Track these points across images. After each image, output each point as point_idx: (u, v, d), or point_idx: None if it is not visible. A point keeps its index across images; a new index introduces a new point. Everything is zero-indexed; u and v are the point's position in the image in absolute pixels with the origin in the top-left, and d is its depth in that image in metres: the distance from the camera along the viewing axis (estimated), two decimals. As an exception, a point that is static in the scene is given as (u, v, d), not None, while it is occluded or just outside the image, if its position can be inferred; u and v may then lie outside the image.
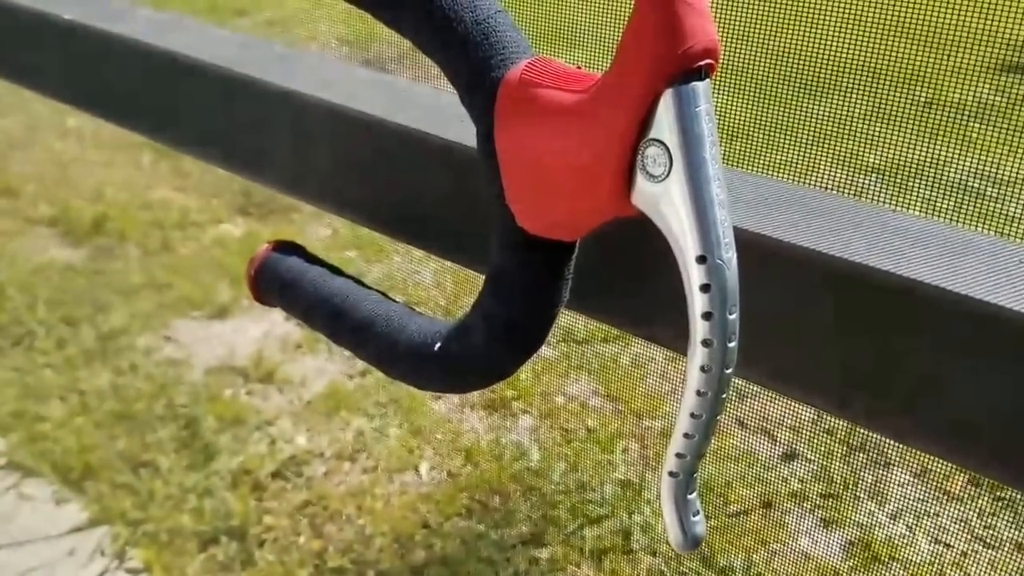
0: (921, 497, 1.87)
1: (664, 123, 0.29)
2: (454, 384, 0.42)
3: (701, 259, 0.29)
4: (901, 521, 1.83)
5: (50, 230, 2.73)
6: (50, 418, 1.99)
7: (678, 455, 0.31)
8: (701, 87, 0.29)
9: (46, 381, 2.11)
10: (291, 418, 2.06)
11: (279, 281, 0.46)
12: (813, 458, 1.99)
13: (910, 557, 1.76)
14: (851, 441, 2.03)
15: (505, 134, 0.35)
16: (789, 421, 2.10)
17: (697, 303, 0.29)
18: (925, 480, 1.88)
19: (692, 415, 0.30)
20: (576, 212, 0.34)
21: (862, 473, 1.95)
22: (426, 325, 0.41)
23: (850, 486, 1.95)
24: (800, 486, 1.94)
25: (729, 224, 0.29)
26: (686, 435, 0.31)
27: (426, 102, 0.48)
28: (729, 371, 0.30)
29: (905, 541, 1.80)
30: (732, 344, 0.29)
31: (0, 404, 2.03)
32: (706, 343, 0.29)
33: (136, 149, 3.21)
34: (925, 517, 1.84)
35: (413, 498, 1.86)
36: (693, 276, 0.29)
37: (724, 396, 0.30)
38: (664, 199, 0.30)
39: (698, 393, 0.30)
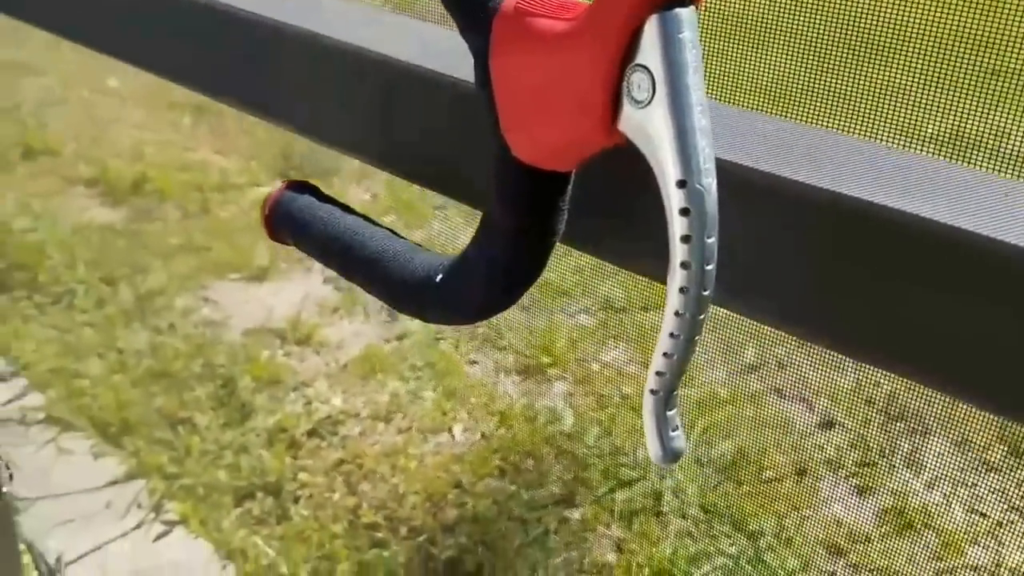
0: (959, 466, 1.86)
1: (648, 49, 0.30)
2: (454, 315, 0.43)
3: (681, 183, 0.30)
4: (937, 490, 1.82)
5: (90, 190, 2.77)
6: (88, 375, 2.02)
7: (658, 373, 0.32)
8: (685, 14, 0.30)
9: (85, 339, 2.15)
10: (327, 379, 2.09)
11: (292, 220, 0.48)
12: (851, 426, 1.97)
13: (944, 525, 1.75)
14: (890, 410, 2.01)
15: (500, 63, 0.36)
16: (827, 389, 2.08)
17: (676, 227, 0.30)
18: (964, 450, 1.86)
19: (671, 335, 0.31)
20: (568, 140, 0.35)
21: (900, 442, 1.94)
22: (430, 259, 0.43)
23: (887, 454, 1.94)
24: (836, 454, 1.93)
25: (711, 151, 0.30)
26: (665, 354, 0.32)
27: (447, 45, 0.48)
28: (707, 293, 0.30)
29: (940, 510, 1.79)
30: (710, 267, 0.30)
31: (39, 361, 2.07)
32: (684, 265, 0.30)
33: (176, 110, 3.24)
34: (962, 486, 1.83)
35: (446, 458, 1.87)
36: (673, 200, 0.30)
37: (702, 317, 0.31)
38: (648, 125, 0.30)
39: (676, 314, 0.31)
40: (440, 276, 0.41)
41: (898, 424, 1.98)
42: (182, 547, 1.64)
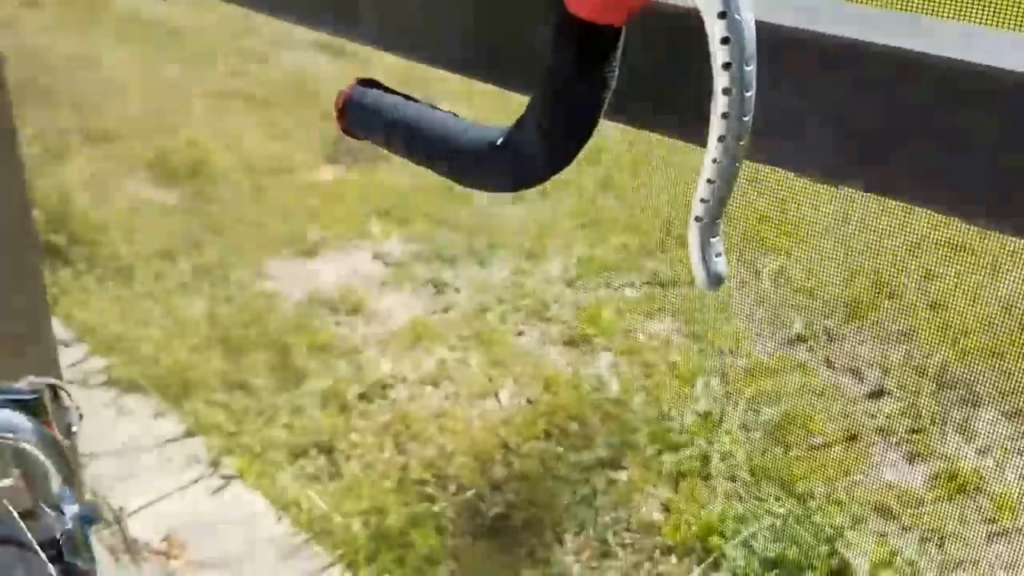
0: (1011, 435, 1.84)
1: None
2: (518, 175, 0.45)
3: (722, 15, 0.32)
4: (989, 456, 1.80)
5: (148, 173, 2.85)
6: (149, 341, 2.09)
7: (702, 200, 0.35)
8: None
9: (145, 309, 2.22)
10: (376, 347, 2.13)
11: (364, 111, 0.51)
12: (901, 395, 1.96)
13: (996, 489, 1.74)
14: (941, 380, 1.99)
15: None
16: (878, 360, 2.07)
17: (718, 55, 0.33)
18: (1016, 420, 1.84)
19: (714, 161, 0.34)
20: None
21: (951, 411, 1.92)
22: (489, 130, 0.45)
23: (938, 422, 1.92)
24: (887, 422, 1.92)
25: None
26: (709, 180, 0.34)
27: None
28: (747, 119, 0.33)
29: (992, 475, 1.77)
30: (749, 93, 0.33)
31: (101, 327, 2.14)
32: (726, 92, 0.33)
33: (230, 100, 3.32)
34: (1014, 454, 1.80)
35: (493, 422, 1.90)
36: (715, 31, 0.32)
37: (743, 143, 0.33)
38: None
39: (719, 139, 0.33)
40: (501, 139, 0.43)
41: (949, 394, 1.96)
42: (239, 500, 1.69)
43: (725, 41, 0.32)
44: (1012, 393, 1.83)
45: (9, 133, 1.30)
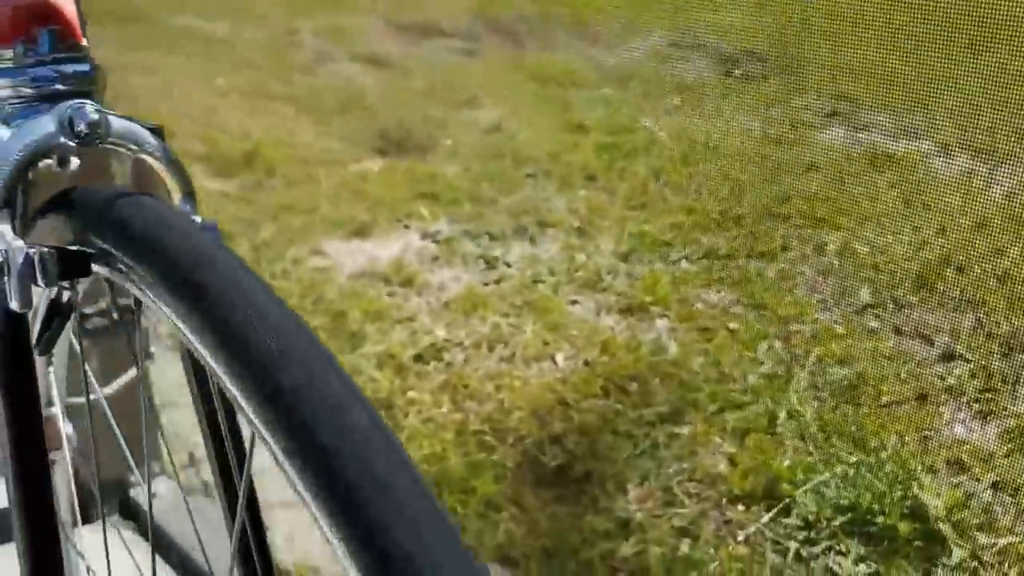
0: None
1: None
2: None
3: None
4: (1064, 415, 1.75)
5: (203, 165, 2.91)
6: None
7: None
8: None
9: (207, 282, 2.26)
10: (430, 315, 2.13)
11: None
12: (972, 359, 1.91)
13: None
14: (1012, 343, 1.94)
15: None
16: (948, 327, 2.02)
17: None
18: (1095, 379, 1.79)
19: None
20: None
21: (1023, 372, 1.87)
22: None
23: (1009, 383, 1.87)
24: (957, 383, 1.87)
25: None
26: None
27: None
28: None
29: (1067, 432, 1.72)
30: None
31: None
32: None
33: (280, 104, 3.38)
34: (1090, 414, 1.75)
35: (550, 381, 1.88)
36: None
37: None
38: None
39: None
40: None
41: (1021, 357, 1.91)
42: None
43: None
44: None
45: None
